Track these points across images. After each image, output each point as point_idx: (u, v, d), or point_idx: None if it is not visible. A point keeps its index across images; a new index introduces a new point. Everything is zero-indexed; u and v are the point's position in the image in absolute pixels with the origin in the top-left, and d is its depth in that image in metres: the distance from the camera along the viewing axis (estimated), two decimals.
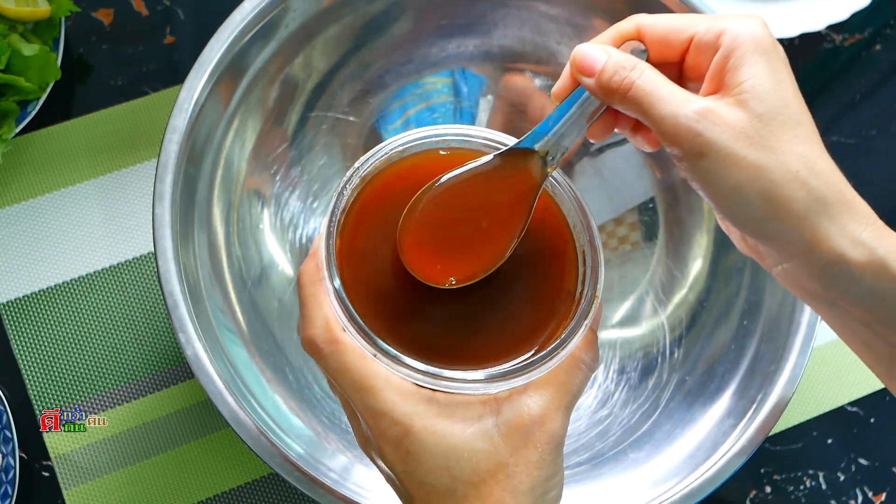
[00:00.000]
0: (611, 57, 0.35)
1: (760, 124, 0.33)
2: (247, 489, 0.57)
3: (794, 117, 0.34)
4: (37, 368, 0.58)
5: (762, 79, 0.34)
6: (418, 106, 0.61)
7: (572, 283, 0.37)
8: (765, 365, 0.49)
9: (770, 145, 0.33)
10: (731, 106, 0.33)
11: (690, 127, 0.33)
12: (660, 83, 0.34)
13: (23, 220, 0.61)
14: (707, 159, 0.33)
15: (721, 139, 0.33)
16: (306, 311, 0.36)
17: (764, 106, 0.33)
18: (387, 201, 0.37)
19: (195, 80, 0.48)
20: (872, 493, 0.61)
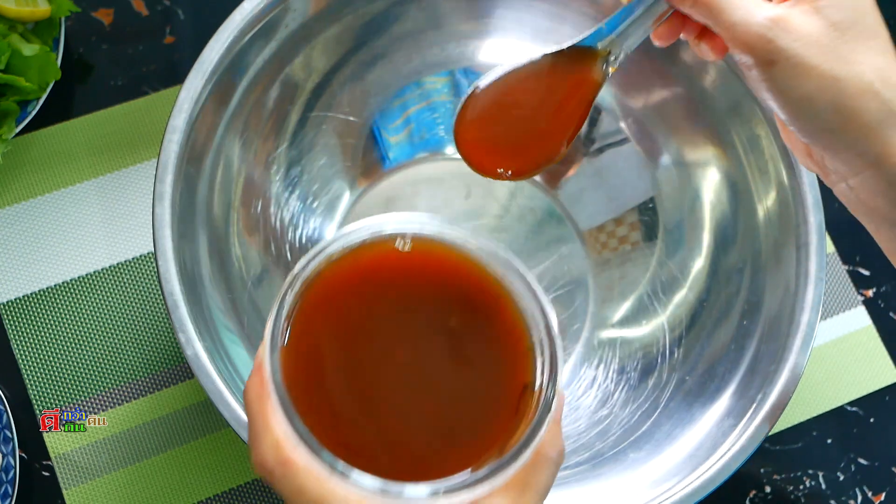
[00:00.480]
0: None
1: (836, 33, 0.32)
2: (247, 489, 0.57)
3: (871, 27, 0.33)
4: (37, 368, 0.58)
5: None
6: (418, 105, 0.61)
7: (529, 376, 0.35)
8: (765, 365, 0.49)
9: (844, 55, 0.32)
10: (806, 13, 0.32)
11: (762, 34, 0.32)
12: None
13: (23, 220, 0.61)
14: (778, 67, 0.32)
15: (793, 47, 0.32)
16: (254, 432, 0.34)
17: (841, 14, 0.32)
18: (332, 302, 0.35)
19: (195, 80, 0.48)
20: (872, 493, 0.61)
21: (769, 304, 0.51)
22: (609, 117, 0.59)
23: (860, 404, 0.62)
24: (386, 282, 0.35)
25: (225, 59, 0.49)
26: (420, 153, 0.62)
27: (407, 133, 0.61)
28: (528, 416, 0.34)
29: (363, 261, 0.35)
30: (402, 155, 0.62)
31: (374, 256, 0.35)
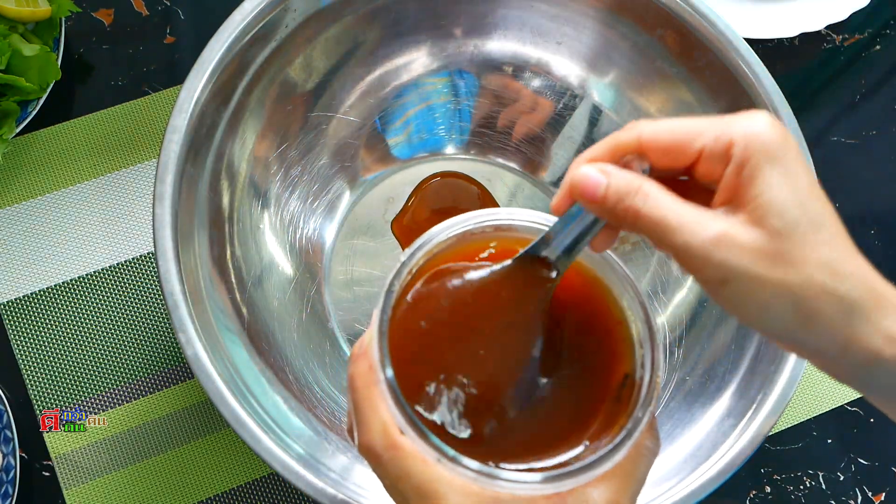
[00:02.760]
0: (612, 179, 0.33)
1: (778, 240, 0.32)
2: (247, 489, 0.57)
3: (814, 222, 0.32)
4: (37, 368, 0.58)
5: (776, 190, 0.32)
6: (418, 106, 0.61)
7: (629, 365, 0.36)
8: (765, 365, 0.49)
9: (791, 260, 0.31)
10: (747, 225, 0.32)
11: (708, 257, 0.31)
12: (668, 208, 0.32)
13: (23, 220, 0.61)
14: (730, 285, 0.32)
15: (742, 264, 0.31)
16: (362, 417, 0.35)
17: (781, 220, 0.32)
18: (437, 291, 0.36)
19: (195, 80, 0.48)
20: (872, 493, 0.61)
21: None
22: (609, 117, 0.59)
23: (860, 404, 0.62)
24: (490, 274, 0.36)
25: (225, 59, 0.49)
26: (420, 153, 0.62)
27: (407, 134, 0.62)
28: (629, 406, 0.34)
29: (467, 252, 0.36)
30: (402, 155, 0.62)
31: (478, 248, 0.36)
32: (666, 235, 0.32)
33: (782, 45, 0.70)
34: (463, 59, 0.59)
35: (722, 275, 0.32)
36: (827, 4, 0.68)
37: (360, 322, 0.58)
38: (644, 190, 0.33)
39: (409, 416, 0.33)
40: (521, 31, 0.58)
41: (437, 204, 0.61)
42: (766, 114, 0.33)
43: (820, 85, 0.71)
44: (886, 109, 0.71)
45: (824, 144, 0.69)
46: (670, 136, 0.34)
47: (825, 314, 0.32)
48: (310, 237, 0.58)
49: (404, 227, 0.60)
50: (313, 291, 0.58)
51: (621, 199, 0.33)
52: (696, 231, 0.32)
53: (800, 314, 0.32)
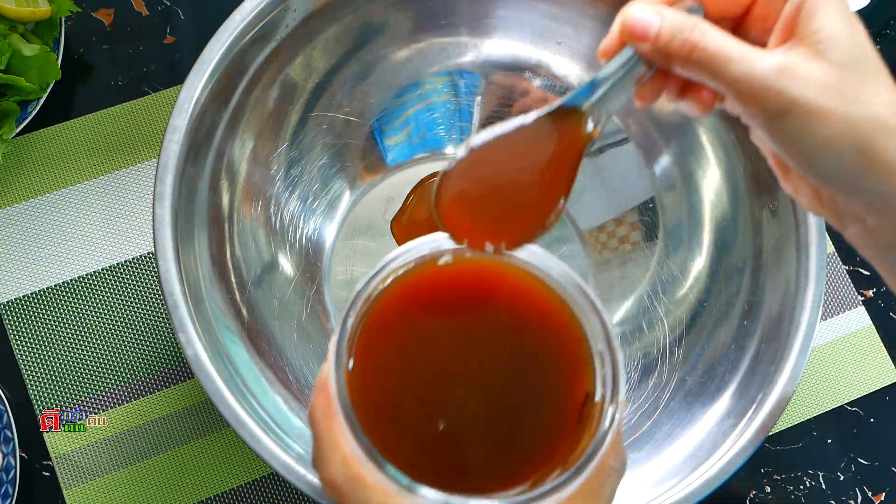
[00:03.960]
0: (665, 19, 0.32)
1: (843, 74, 0.31)
2: (247, 489, 0.57)
3: (873, 64, 0.32)
4: (37, 368, 0.58)
5: (838, 26, 0.31)
6: (418, 105, 0.61)
7: (590, 384, 0.35)
8: (765, 365, 0.49)
9: (855, 95, 0.31)
10: (809, 58, 0.31)
11: (770, 85, 0.31)
12: (727, 41, 0.32)
13: (23, 220, 0.61)
14: (791, 116, 0.31)
15: (805, 94, 0.31)
16: (322, 451, 0.35)
17: (844, 54, 0.31)
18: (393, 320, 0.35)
19: (195, 80, 0.48)
20: (872, 493, 0.61)
21: (769, 304, 0.51)
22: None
23: (860, 404, 0.62)
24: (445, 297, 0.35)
25: (225, 59, 0.49)
26: (419, 153, 0.62)
27: (406, 133, 0.62)
28: (591, 426, 0.34)
29: (423, 277, 0.35)
30: (402, 155, 0.62)
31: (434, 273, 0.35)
32: (726, 66, 0.31)
33: None
34: (463, 59, 0.59)
35: (784, 104, 0.31)
36: None
37: None
38: (700, 26, 0.32)
39: (367, 447, 0.32)
40: (522, 31, 0.58)
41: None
42: None
43: None
44: None
45: None
46: None
47: (887, 153, 0.31)
48: (310, 237, 0.58)
49: (403, 226, 0.60)
50: (313, 291, 0.58)
51: (676, 35, 0.32)
52: (756, 61, 0.31)
53: (861, 151, 0.31)
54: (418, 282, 0.35)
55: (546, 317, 0.36)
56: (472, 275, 0.35)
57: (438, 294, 0.35)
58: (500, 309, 0.36)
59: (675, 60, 0.32)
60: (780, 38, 0.33)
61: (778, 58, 0.31)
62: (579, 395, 0.35)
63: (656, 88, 0.36)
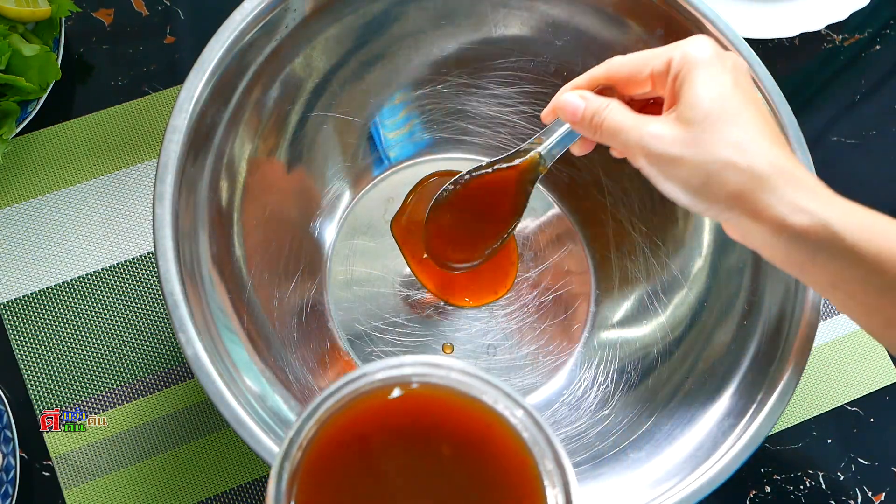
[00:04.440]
0: (588, 103, 0.45)
1: (692, 128, 0.40)
2: (247, 489, 0.57)
3: (728, 112, 0.40)
4: (37, 368, 0.58)
5: (697, 88, 0.40)
6: (418, 105, 0.61)
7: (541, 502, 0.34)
8: (765, 365, 0.49)
9: (701, 142, 0.40)
10: (670, 120, 0.41)
11: (643, 146, 0.42)
12: (624, 118, 0.43)
13: (23, 220, 0.61)
14: (660, 165, 0.41)
15: (662, 149, 0.41)
16: None
17: (695, 112, 0.40)
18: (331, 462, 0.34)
19: (195, 80, 0.48)
20: (872, 493, 0.61)
21: (769, 304, 0.51)
22: None
23: (860, 404, 0.62)
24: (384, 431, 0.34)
25: (225, 59, 0.49)
26: (420, 153, 0.62)
27: (406, 132, 0.61)
28: None
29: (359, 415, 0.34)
30: (402, 155, 0.62)
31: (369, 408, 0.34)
32: (620, 136, 0.43)
33: (782, 45, 0.70)
34: (463, 58, 0.59)
35: (654, 158, 0.41)
36: (827, 4, 0.68)
37: (360, 322, 0.58)
38: (611, 107, 0.44)
39: None
40: (521, 31, 0.58)
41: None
42: (704, 36, 0.43)
43: (820, 85, 0.71)
44: (886, 109, 0.71)
45: (824, 144, 0.69)
46: (629, 64, 0.45)
47: (731, 186, 0.39)
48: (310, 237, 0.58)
49: (402, 227, 0.60)
50: (313, 291, 0.58)
51: (594, 115, 0.44)
52: (639, 131, 0.42)
53: (712, 186, 0.40)
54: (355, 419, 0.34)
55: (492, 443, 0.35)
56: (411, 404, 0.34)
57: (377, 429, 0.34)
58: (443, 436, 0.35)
59: (594, 134, 0.45)
60: (667, 104, 0.43)
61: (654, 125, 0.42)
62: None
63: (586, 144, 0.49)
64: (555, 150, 0.50)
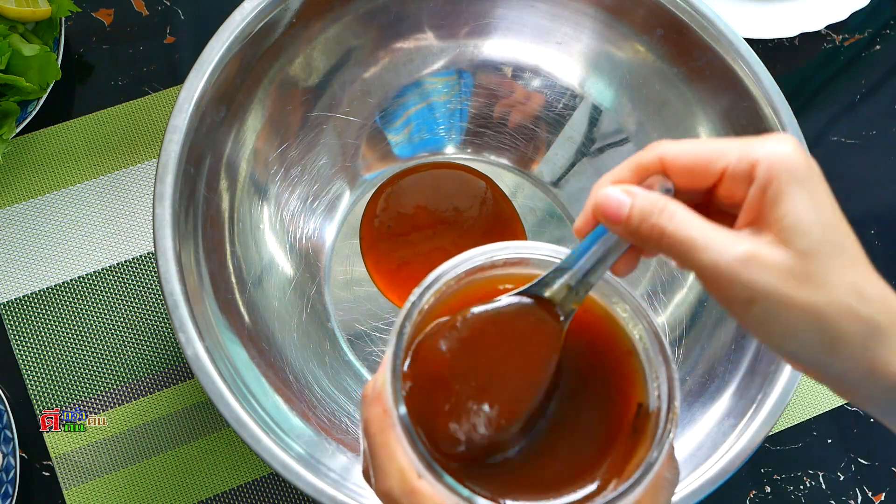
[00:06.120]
0: (636, 200, 0.33)
1: (806, 261, 0.32)
2: (247, 489, 0.57)
3: (838, 245, 0.32)
4: (37, 368, 0.58)
5: (802, 212, 0.32)
6: (418, 105, 0.61)
7: (641, 396, 0.35)
8: (765, 365, 0.49)
9: (818, 281, 0.32)
10: (773, 245, 0.32)
11: (735, 275, 0.31)
12: (694, 226, 0.32)
13: (23, 220, 0.61)
14: (757, 305, 0.32)
15: (769, 284, 0.31)
16: (379, 463, 0.34)
17: (807, 241, 0.32)
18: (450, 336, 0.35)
19: (195, 80, 0.48)
20: (872, 493, 0.61)
21: None
22: (609, 117, 0.59)
23: None
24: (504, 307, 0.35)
25: (225, 59, 0.49)
26: (419, 153, 0.62)
27: (406, 133, 0.62)
28: (647, 438, 0.34)
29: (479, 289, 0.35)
30: (402, 155, 0.62)
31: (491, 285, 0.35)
32: (693, 254, 0.32)
33: (782, 45, 0.70)
34: (463, 58, 0.59)
35: (749, 294, 0.31)
36: (827, 4, 0.68)
37: (360, 322, 0.58)
38: (670, 209, 0.32)
39: (426, 458, 0.32)
40: (521, 30, 0.58)
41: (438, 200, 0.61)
42: (791, 137, 0.33)
43: (820, 85, 0.71)
44: (886, 109, 0.71)
45: (824, 144, 0.69)
46: (693, 155, 0.34)
47: (850, 337, 0.32)
48: (310, 237, 0.58)
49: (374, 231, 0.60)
50: (313, 291, 0.58)
51: (646, 219, 0.33)
52: (723, 250, 0.31)
53: (826, 337, 0.32)
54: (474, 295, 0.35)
55: (596, 329, 0.36)
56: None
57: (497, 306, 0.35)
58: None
59: (647, 243, 0.33)
60: (747, 219, 0.33)
61: (745, 244, 0.32)
62: (632, 406, 0.35)
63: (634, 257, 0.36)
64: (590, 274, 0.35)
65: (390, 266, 0.59)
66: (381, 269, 0.59)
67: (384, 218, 0.60)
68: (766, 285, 0.31)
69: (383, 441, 0.34)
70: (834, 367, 0.33)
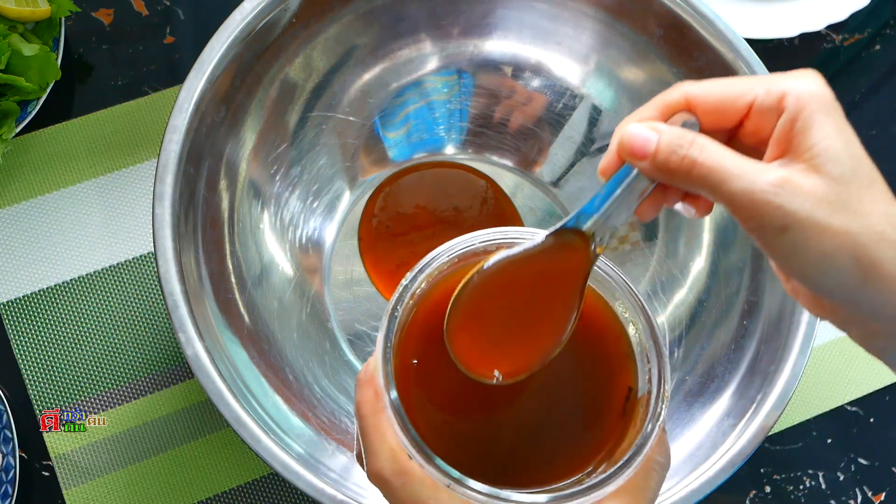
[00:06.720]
0: (663, 135, 0.33)
1: (840, 187, 0.31)
2: (247, 489, 0.57)
3: (867, 175, 0.32)
4: (37, 368, 0.58)
5: (833, 139, 0.32)
6: (418, 105, 0.61)
7: (631, 379, 0.35)
8: (765, 365, 0.49)
9: (853, 208, 0.31)
10: (806, 172, 0.31)
11: (769, 201, 0.31)
12: (725, 156, 0.32)
13: (23, 220, 0.61)
14: (790, 232, 0.31)
15: (804, 209, 0.31)
16: (370, 443, 0.34)
17: (840, 168, 0.31)
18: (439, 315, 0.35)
19: (195, 80, 0.48)
20: (872, 493, 0.61)
21: (769, 304, 0.51)
22: (609, 117, 0.59)
23: (860, 404, 0.62)
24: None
25: (225, 59, 0.49)
26: (419, 153, 0.62)
27: (405, 132, 0.62)
28: (636, 421, 0.34)
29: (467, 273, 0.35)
30: (401, 154, 0.62)
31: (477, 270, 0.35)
32: (725, 183, 0.31)
33: (782, 45, 0.70)
34: (462, 58, 0.59)
35: (782, 221, 0.31)
36: (827, 4, 0.68)
37: (360, 322, 0.58)
38: (699, 141, 0.32)
39: (416, 440, 0.32)
40: (521, 31, 0.58)
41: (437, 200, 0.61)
42: (816, 72, 0.33)
43: None
44: (886, 109, 0.71)
45: None
46: (720, 91, 0.34)
47: (885, 264, 0.31)
48: (310, 237, 0.58)
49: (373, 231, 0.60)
50: (313, 291, 0.58)
51: (674, 151, 0.32)
52: (756, 177, 0.31)
53: (860, 264, 0.31)
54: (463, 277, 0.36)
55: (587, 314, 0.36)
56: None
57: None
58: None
59: (675, 177, 0.33)
60: (776, 152, 0.33)
61: (777, 172, 0.31)
62: (622, 389, 0.35)
63: (657, 201, 0.36)
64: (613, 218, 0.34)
65: (389, 266, 0.59)
66: (380, 269, 0.59)
67: (383, 218, 0.60)
68: (800, 210, 0.31)
69: (374, 423, 0.34)
70: (867, 300, 0.32)
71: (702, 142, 0.32)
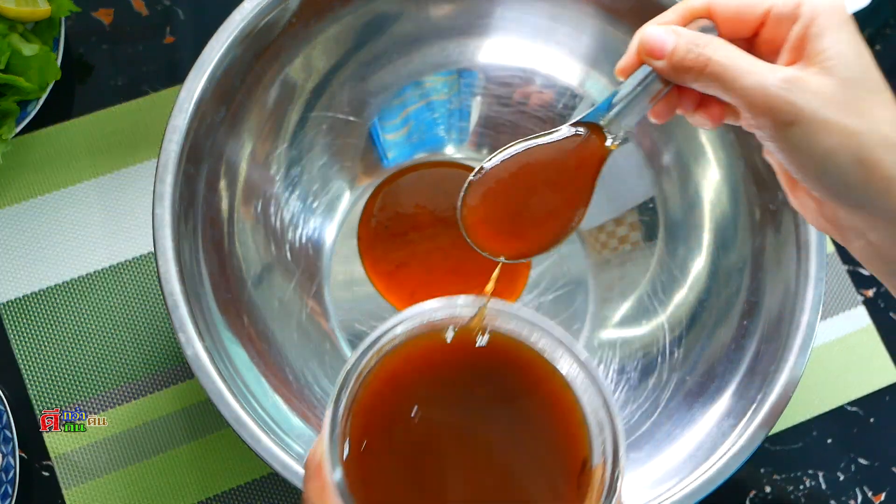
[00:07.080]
0: (681, 37, 0.35)
1: (848, 90, 0.33)
2: (247, 489, 0.57)
3: (876, 83, 0.34)
4: (37, 368, 0.58)
5: (845, 46, 0.34)
6: (417, 104, 0.61)
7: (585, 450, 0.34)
8: (765, 365, 0.49)
9: (860, 110, 0.33)
10: (817, 74, 0.33)
11: (779, 95, 0.33)
12: (738, 55, 0.34)
13: (23, 220, 0.61)
14: (798, 126, 0.33)
15: (812, 105, 0.33)
16: None
17: (850, 72, 0.33)
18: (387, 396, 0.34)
19: (195, 80, 0.48)
20: (872, 493, 0.61)
21: (769, 304, 0.51)
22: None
23: (860, 404, 0.62)
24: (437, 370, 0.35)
25: (225, 59, 0.49)
26: (419, 153, 0.62)
27: (406, 133, 0.62)
28: (592, 494, 0.33)
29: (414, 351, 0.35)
30: (401, 155, 0.62)
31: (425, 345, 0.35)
32: (737, 80, 0.33)
33: None
34: (463, 58, 0.59)
35: (791, 116, 0.33)
36: None
37: (360, 322, 0.58)
38: (715, 42, 0.34)
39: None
40: (521, 30, 0.58)
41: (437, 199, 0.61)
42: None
43: None
44: None
45: None
46: None
47: (887, 168, 0.33)
48: (310, 237, 0.58)
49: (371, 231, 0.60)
50: (313, 291, 0.58)
51: (691, 49, 0.34)
52: (767, 74, 0.33)
53: (862, 164, 0.33)
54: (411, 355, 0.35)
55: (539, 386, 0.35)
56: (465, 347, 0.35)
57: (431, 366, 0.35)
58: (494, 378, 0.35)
59: (690, 75, 0.34)
60: (789, 58, 0.34)
61: (789, 71, 0.33)
62: (577, 461, 0.34)
63: (671, 105, 0.38)
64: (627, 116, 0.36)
65: (389, 267, 0.59)
66: (380, 269, 0.59)
67: (381, 218, 0.60)
68: (808, 105, 0.32)
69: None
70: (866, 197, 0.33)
71: (717, 42, 0.34)
